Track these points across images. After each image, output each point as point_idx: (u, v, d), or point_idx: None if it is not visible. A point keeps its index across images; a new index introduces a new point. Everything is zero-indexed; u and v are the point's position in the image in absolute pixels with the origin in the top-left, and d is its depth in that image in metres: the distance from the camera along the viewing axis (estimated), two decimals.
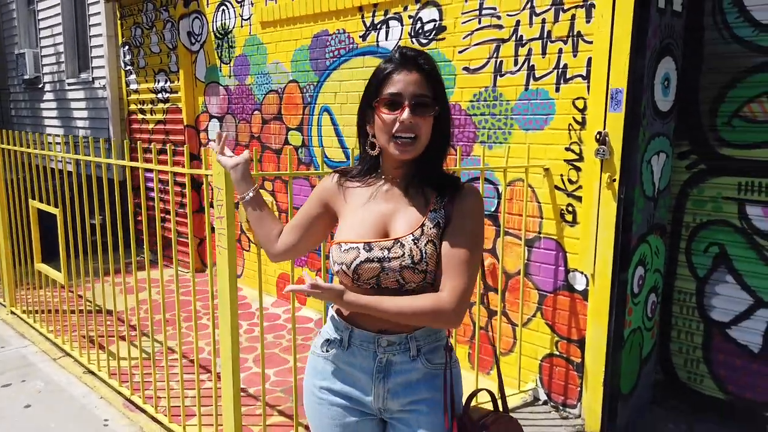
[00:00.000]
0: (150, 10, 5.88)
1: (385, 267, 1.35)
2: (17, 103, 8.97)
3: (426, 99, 1.34)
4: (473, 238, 1.37)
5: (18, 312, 4.52)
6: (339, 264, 1.39)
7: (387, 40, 3.87)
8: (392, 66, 1.37)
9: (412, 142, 1.35)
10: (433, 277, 1.36)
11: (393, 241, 1.37)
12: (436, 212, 1.39)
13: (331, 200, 1.52)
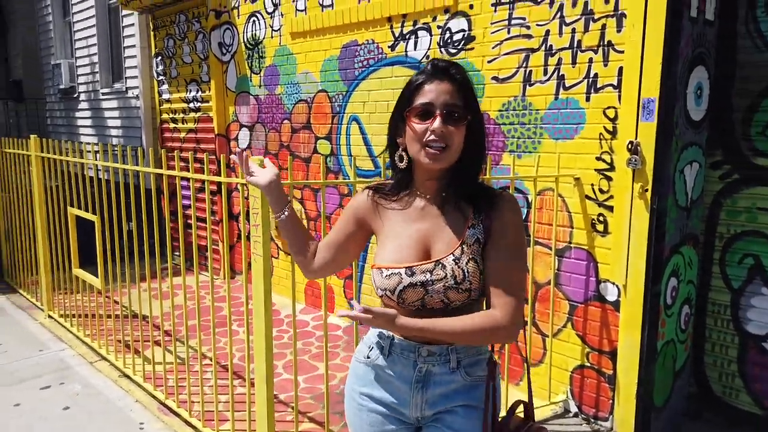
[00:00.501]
0: (182, 22, 6.01)
1: (429, 290, 1.36)
2: (53, 113, 9.23)
3: (457, 108, 1.34)
4: (516, 251, 1.38)
5: (55, 316, 4.65)
6: (382, 290, 1.40)
7: (416, 50, 3.90)
8: (424, 77, 1.38)
9: (443, 150, 1.34)
10: (478, 293, 1.37)
11: (434, 263, 1.37)
12: (475, 228, 1.39)
13: (366, 217, 1.52)
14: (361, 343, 1.55)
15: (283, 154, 5.01)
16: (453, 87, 1.36)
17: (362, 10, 4.19)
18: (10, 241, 5.47)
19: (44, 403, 3.35)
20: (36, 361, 3.93)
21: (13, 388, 3.53)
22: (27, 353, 4.05)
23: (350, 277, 4.57)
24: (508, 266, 1.36)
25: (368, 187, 1.55)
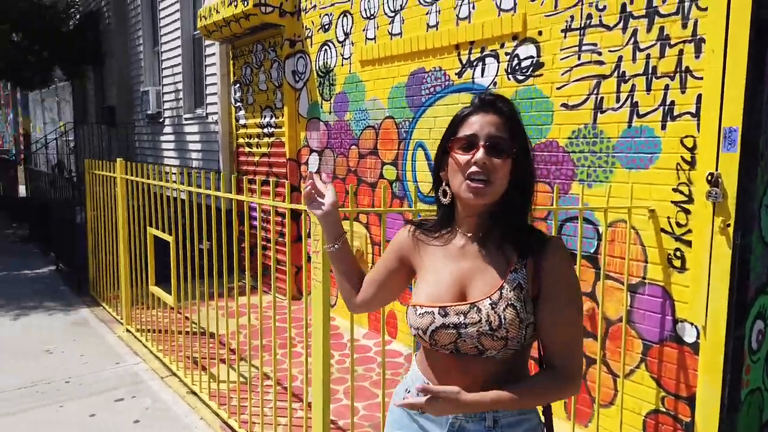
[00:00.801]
0: (259, 51, 6.28)
1: (462, 333, 1.28)
2: (141, 136, 9.83)
3: (502, 141, 1.28)
4: (575, 305, 1.31)
5: (132, 330, 4.89)
6: (415, 329, 1.35)
7: (483, 77, 3.87)
8: (470, 109, 1.34)
9: (485, 185, 1.27)
10: (518, 344, 1.28)
11: (469, 305, 1.29)
12: (518, 272, 1.30)
13: (407, 254, 1.47)
14: (400, 386, 1.50)
15: (350, 178, 5.08)
16: (499, 119, 1.30)
17: (430, 37, 4.22)
18: (97, 257, 5.82)
19: (117, 416, 3.51)
20: (112, 373, 4.13)
21: (91, 399, 3.72)
22: (105, 365, 4.27)
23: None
24: (570, 323, 1.29)
25: (410, 222, 1.51)
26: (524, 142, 1.33)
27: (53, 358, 4.39)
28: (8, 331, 4.96)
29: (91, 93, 12.95)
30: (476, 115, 1.31)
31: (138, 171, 4.51)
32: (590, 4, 3.25)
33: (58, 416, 3.50)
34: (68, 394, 3.77)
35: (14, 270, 7.11)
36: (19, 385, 3.90)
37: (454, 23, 4.07)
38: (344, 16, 5.06)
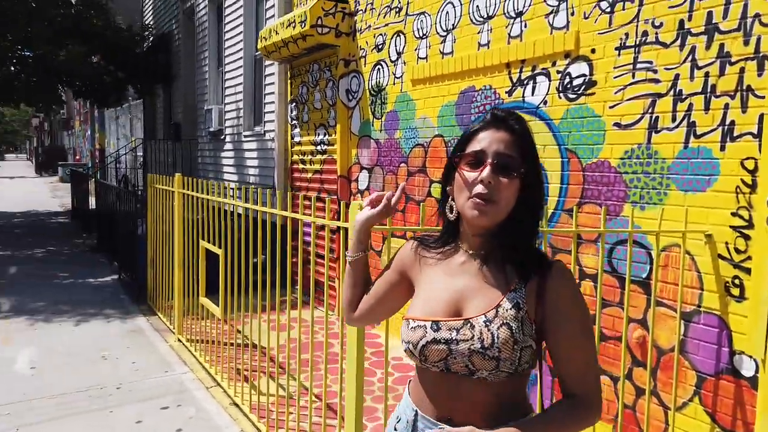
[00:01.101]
0: (315, 71, 6.42)
1: (453, 350, 1.23)
2: (203, 152, 10.21)
3: (510, 159, 1.23)
4: (586, 331, 1.26)
5: (183, 340, 5.03)
6: (406, 342, 1.30)
7: (533, 96, 3.81)
8: (480, 124, 1.29)
9: (489, 204, 1.22)
10: (511, 367, 1.21)
11: (463, 321, 1.25)
12: (516, 292, 1.25)
13: (408, 269, 1.43)
14: (393, 414, 1.46)
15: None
16: (510, 137, 1.26)
17: (481, 56, 4.19)
18: (155, 267, 6.05)
19: (161, 423, 3.59)
20: (160, 381, 4.25)
21: (138, 405, 3.83)
22: (154, 373, 4.40)
23: None
24: (581, 348, 1.24)
25: (414, 237, 1.47)
26: (534, 161, 1.28)
27: (107, 364, 4.56)
28: (69, 336, 5.21)
29: (160, 111, 13.61)
30: (486, 131, 1.27)
31: (193, 185, 4.67)
32: (646, 21, 3.15)
33: (108, 420, 3.62)
34: (118, 400, 3.91)
35: (80, 278, 7.48)
36: (74, 389, 4.07)
37: (505, 42, 4.03)
38: (397, 36, 5.12)
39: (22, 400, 3.87)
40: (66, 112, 34.04)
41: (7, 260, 8.45)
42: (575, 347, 1.24)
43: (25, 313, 5.86)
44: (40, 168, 32.12)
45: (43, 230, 11.49)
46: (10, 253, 8.99)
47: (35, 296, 6.48)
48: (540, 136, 3.75)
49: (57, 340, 5.09)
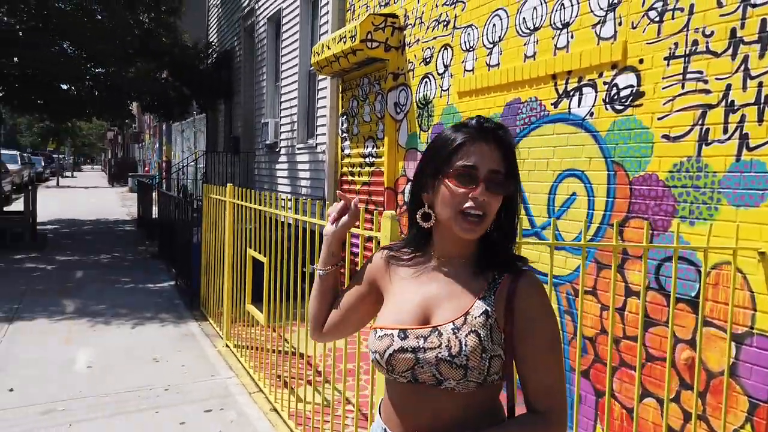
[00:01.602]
0: (365, 84, 6.51)
1: (420, 359, 1.20)
2: (259, 164, 10.51)
3: (501, 177, 1.22)
4: (554, 345, 1.23)
5: (231, 345, 5.16)
6: (373, 353, 1.27)
7: (579, 107, 3.73)
8: (468, 135, 1.24)
9: (480, 221, 1.21)
10: (480, 376, 1.18)
11: (431, 329, 1.22)
12: (485, 299, 1.23)
13: (377, 279, 1.40)
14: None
15: None
16: (500, 152, 1.23)
17: (527, 68, 4.15)
18: (208, 275, 6.25)
19: (203, 426, 3.70)
20: (206, 385, 4.38)
21: (183, 407, 3.96)
22: (201, 377, 4.54)
23: None
24: (548, 363, 1.21)
25: (383, 247, 1.44)
26: (517, 176, 1.28)
27: (158, 366, 4.74)
28: (126, 339, 5.45)
29: (221, 124, 14.12)
30: (477, 144, 1.23)
31: (244, 195, 4.82)
32: (696, 30, 3.04)
33: (153, 420, 3.76)
34: (165, 401, 4.05)
35: (140, 283, 7.82)
36: (126, 388, 4.25)
37: (551, 53, 3.97)
38: (445, 49, 5.13)
39: (77, 397, 4.07)
40: (137, 126, 35.86)
41: (75, 265, 8.94)
42: (541, 362, 1.21)
43: (87, 315, 6.18)
44: (112, 179, 33.87)
45: (110, 237, 12.10)
46: (78, 258, 9.51)
47: (98, 299, 6.82)
48: (586, 148, 3.67)
49: (114, 341, 5.34)
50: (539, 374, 1.22)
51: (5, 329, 5.54)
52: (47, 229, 12.42)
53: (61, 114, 13.03)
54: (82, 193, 24.42)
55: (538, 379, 1.22)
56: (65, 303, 6.62)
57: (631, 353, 3.30)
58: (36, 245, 10.37)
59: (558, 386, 1.23)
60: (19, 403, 3.94)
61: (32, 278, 7.84)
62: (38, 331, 5.56)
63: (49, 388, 4.20)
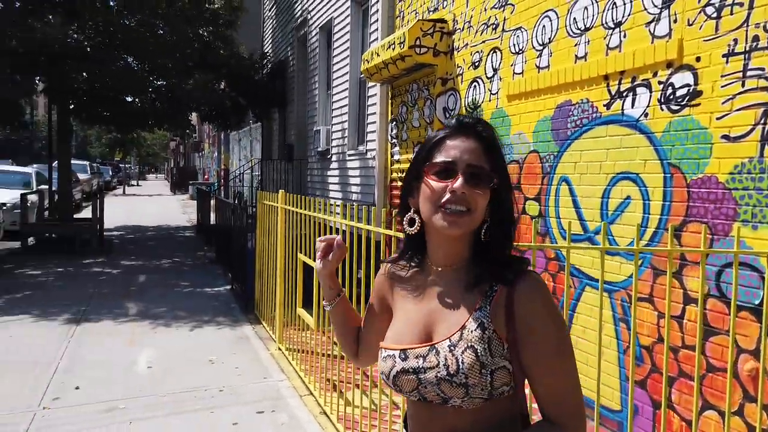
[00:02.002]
0: (414, 90, 6.53)
1: (422, 379, 1.17)
2: (312, 171, 10.69)
3: (482, 171, 1.17)
4: (562, 349, 1.16)
5: (283, 349, 5.26)
6: (381, 373, 1.25)
7: (633, 108, 3.62)
8: (446, 132, 1.21)
9: (463, 214, 1.16)
10: (483, 392, 1.14)
11: (429, 347, 1.18)
12: (481, 311, 1.17)
13: (385, 295, 1.37)
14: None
15: None
16: (479, 146, 1.19)
17: (578, 69, 4.06)
18: (261, 279, 6.40)
19: (255, 427, 3.79)
20: (259, 387, 4.48)
21: (237, 408, 4.06)
22: (255, 379, 4.64)
23: None
24: (554, 368, 1.15)
25: (383, 261, 1.40)
26: (505, 171, 1.22)
27: (213, 368, 4.88)
28: (184, 341, 5.64)
29: (275, 132, 14.45)
30: (454, 139, 1.20)
31: (295, 201, 4.92)
32: (757, 25, 2.90)
33: (208, 420, 3.88)
34: (219, 402, 4.17)
35: (199, 287, 8.09)
36: (183, 389, 4.40)
37: (603, 53, 3.88)
38: (494, 52, 5.09)
39: (138, 396, 4.25)
40: (197, 136, 37.14)
41: (138, 269, 9.34)
42: (548, 369, 1.15)
43: (149, 317, 6.44)
44: (174, 187, 35.21)
45: (171, 243, 12.57)
46: (142, 262, 9.93)
47: (159, 303, 7.10)
48: (641, 150, 3.56)
49: (173, 343, 5.54)
50: (547, 381, 1.16)
51: (73, 330, 5.84)
52: (113, 235, 13.02)
53: (125, 125, 13.66)
54: (146, 201, 25.49)
55: (546, 386, 1.16)
56: (129, 306, 6.92)
57: (690, 363, 3.17)
58: (103, 251, 10.89)
59: (569, 392, 1.17)
60: (84, 401, 4.15)
61: (99, 282, 8.23)
62: (103, 332, 5.83)
63: (112, 387, 4.40)
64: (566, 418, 1.16)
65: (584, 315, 3.97)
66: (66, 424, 3.79)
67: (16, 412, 3.93)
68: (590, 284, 3.92)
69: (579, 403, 1.18)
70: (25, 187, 12.96)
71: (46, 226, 11.55)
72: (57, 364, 4.84)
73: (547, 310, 1.17)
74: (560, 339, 1.17)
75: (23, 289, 7.57)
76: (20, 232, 10.70)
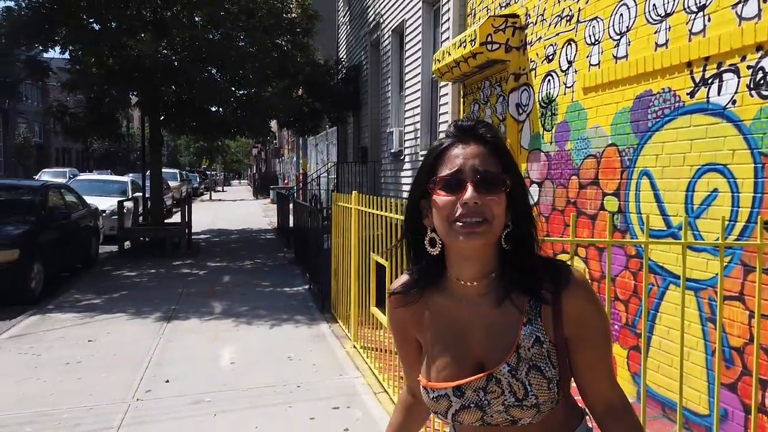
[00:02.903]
0: (486, 87, 6.45)
1: (487, 411, 1.13)
2: (385, 172, 10.79)
3: (492, 174, 1.10)
4: (608, 335, 1.19)
5: (358, 346, 5.35)
6: (434, 412, 1.20)
7: (719, 95, 3.41)
8: (447, 142, 1.14)
9: (480, 224, 1.08)
10: (553, 403, 1.13)
11: (486, 378, 1.12)
12: (532, 324, 1.13)
13: (406, 328, 1.27)
14: None
15: (569, 210, 4.85)
16: (484, 149, 1.12)
17: (658, 57, 3.87)
18: (337, 279, 6.53)
19: (331, 422, 3.87)
20: (335, 383, 4.58)
21: (313, 403, 4.17)
22: (331, 376, 4.75)
23: (635, 348, 4.09)
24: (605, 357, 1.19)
25: (392, 293, 1.28)
26: (516, 170, 1.15)
27: (292, 365, 5.04)
28: (264, 338, 5.86)
29: (350, 136, 14.72)
30: (456, 148, 1.13)
31: (367, 202, 4.99)
32: None
33: (286, 414, 4.00)
34: (297, 397, 4.30)
35: (278, 287, 8.37)
36: (263, 384, 4.57)
37: (686, 39, 3.68)
38: (568, 44, 4.94)
39: (222, 390, 4.45)
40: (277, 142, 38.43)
41: (223, 270, 9.78)
42: (600, 360, 1.18)
43: (232, 315, 6.73)
44: (256, 192, 36.60)
45: (254, 245, 13.07)
46: (226, 264, 10.39)
47: (241, 301, 7.41)
48: (728, 140, 3.35)
49: (254, 340, 5.76)
50: (600, 369, 1.19)
51: (164, 327, 6.21)
52: (200, 239, 13.71)
53: (210, 134, 14.35)
54: (230, 206, 26.65)
55: (599, 379, 1.19)
56: (214, 304, 7.27)
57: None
58: (191, 253, 11.50)
59: (614, 378, 1.22)
60: (174, 394, 4.40)
61: (187, 282, 8.70)
62: (190, 329, 6.16)
63: (198, 380, 4.64)
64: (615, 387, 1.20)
65: (668, 315, 3.77)
66: (157, 414, 4.04)
67: (113, 402, 4.22)
68: (674, 282, 3.72)
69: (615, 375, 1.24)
70: (121, 195, 13.92)
71: (140, 230, 12.34)
72: (149, 359, 5.16)
73: (596, 305, 1.17)
74: (608, 332, 1.21)
75: (120, 290, 8.13)
76: (117, 237, 11.49)
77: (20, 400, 4.24)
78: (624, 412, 1.19)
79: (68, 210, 9.43)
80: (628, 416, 1.19)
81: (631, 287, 4.11)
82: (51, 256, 8.15)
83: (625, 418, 1.18)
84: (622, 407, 1.19)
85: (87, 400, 4.24)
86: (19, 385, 4.53)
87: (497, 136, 1.16)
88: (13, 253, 7.15)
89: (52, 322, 6.42)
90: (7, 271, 7.03)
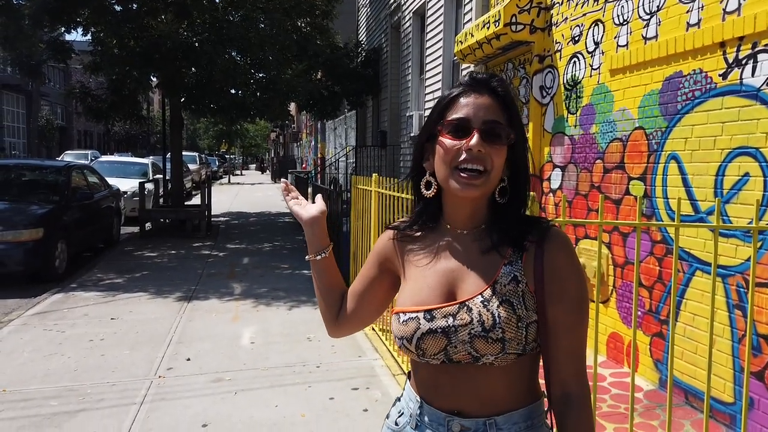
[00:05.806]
0: (509, 70, 6.35)
1: (453, 339, 1.13)
2: (404, 156, 10.74)
3: (499, 126, 1.14)
4: (583, 305, 1.15)
5: (377, 329, 5.35)
6: (400, 338, 1.20)
7: (753, 77, 3.31)
8: (459, 89, 1.18)
9: (480, 175, 1.13)
10: (519, 347, 1.12)
11: (458, 305, 1.15)
12: (512, 265, 1.16)
13: (389, 259, 1.32)
14: (394, 407, 1.35)
15: (593, 194, 4.78)
16: (495, 101, 1.16)
17: (690, 38, 3.76)
18: (356, 261, 6.53)
19: (350, 402, 3.89)
20: (354, 364, 4.59)
21: (332, 384, 4.19)
22: (349, 357, 4.76)
23: (658, 334, 4.03)
24: (577, 326, 1.15)
25: (390, 226, 1.34)
26: (521, 127, 1.19)
27: (311, 345, 5.06)
28: (283, 319, 5.89)
29: (369, 120, 14.65)
30: (468, 96, 1.17)
31: (388, 185, 4.96)
32: None
33: (306, 394, 4.03)
34: (317, 377, 4.32)
35: (297, 270, 8.41)
36: (283, 363, 4.60)
37: (719, 18, 3.57)
38: (595, 25, 4.83)
39: (242, 369, 4.49)
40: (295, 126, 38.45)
41: (242, 252, 9.85)
42: (571, 324, 1.15)
43: (252, 297, 6.78)
44: (274, 175, 36.72)
45: (272, 228, 13.14)
46: (245, 246, 10.46)
47: (261, 283, 7.46)
48: (761, 122, 3.26)
49: (273, 320, 5.80)
50: (569, 337, 1.15)
51: (185, 307, 6.27)
52: (220, 221, 13.81)
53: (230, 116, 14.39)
54: (248, 189, 26.79)
55: (566, 342, 1.15)
56: (233, 286, 7.32)
57: None
58: (210, 235, 11.59)
59: (583, 351, 1.19)
60: (194, 372, 4.45)
61: (207, 263, 8.77)
62: (211, 309, 6.22)
63: (219, 359, 4.68)
64: (579, 377, 1.18)
65: (694, 301, 3.71)
66: (179, 391, 4.09)
67: (136, 379, 4.29)
68: (701, 268, 3.65)
69: (585, 364, 1.20)
70: (142, 177, 14.04)
71: (161, 212, 12.45)
72: (170, 338, 5.22)
73: (576, 266, 1.18)
74: (585, 295, 1.18)
75: (141, 270, 8.22)
76: (139, 218, 11.61)
77: (46, 375, 4.32)
78: (579, 406, 1.16)
79: (91, 190, 9.54)
80: (582, 411, 1.16)
81: (656, 273, 4.04)
82: (74, 235, 8.26)
83: (578, 412, 1.16)
84: (578, 399, 1.16)
85: (110, 377, 4.31)
86: (46, 361, 4.61)
87: (508, 92, 1.20)
88: (38, 232, 7.27)
89: (75, 300, 6.52)
90: (31, 250, 7.16)
